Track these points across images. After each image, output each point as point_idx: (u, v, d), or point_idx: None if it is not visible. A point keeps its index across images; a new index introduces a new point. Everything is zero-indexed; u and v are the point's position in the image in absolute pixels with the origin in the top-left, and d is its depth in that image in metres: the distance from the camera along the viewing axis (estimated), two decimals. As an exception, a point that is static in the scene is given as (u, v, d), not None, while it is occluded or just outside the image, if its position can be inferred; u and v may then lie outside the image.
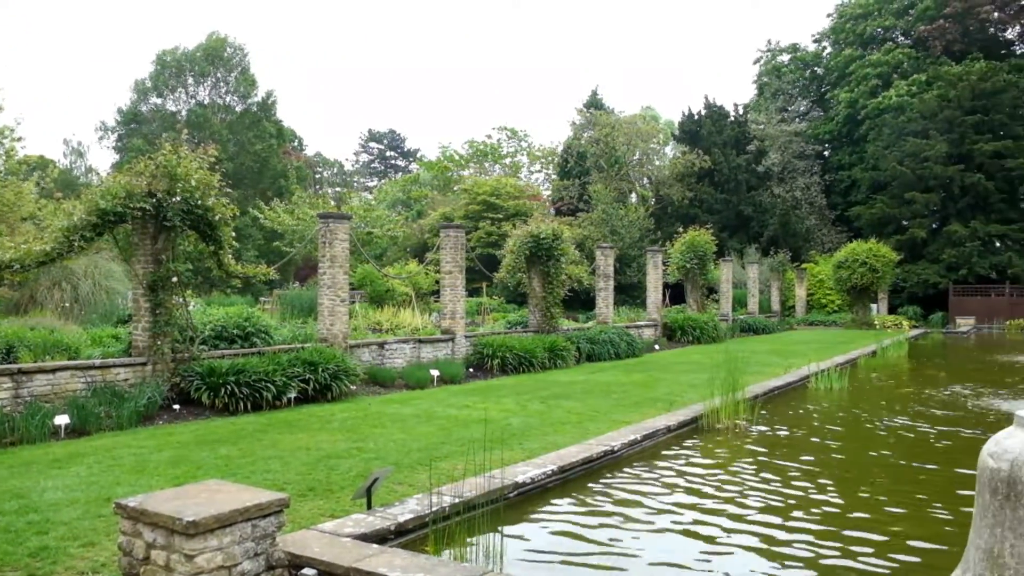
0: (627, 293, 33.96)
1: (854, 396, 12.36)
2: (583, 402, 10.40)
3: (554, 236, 16.79)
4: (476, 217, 36.81)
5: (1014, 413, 3.30)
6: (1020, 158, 35.63)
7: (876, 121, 41.12)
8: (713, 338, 22.34)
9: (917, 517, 5.82)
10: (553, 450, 7.28)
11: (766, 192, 42.25)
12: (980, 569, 3.18)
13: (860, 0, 46.59)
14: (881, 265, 31.26)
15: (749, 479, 6.95)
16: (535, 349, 14.64)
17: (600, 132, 42.22)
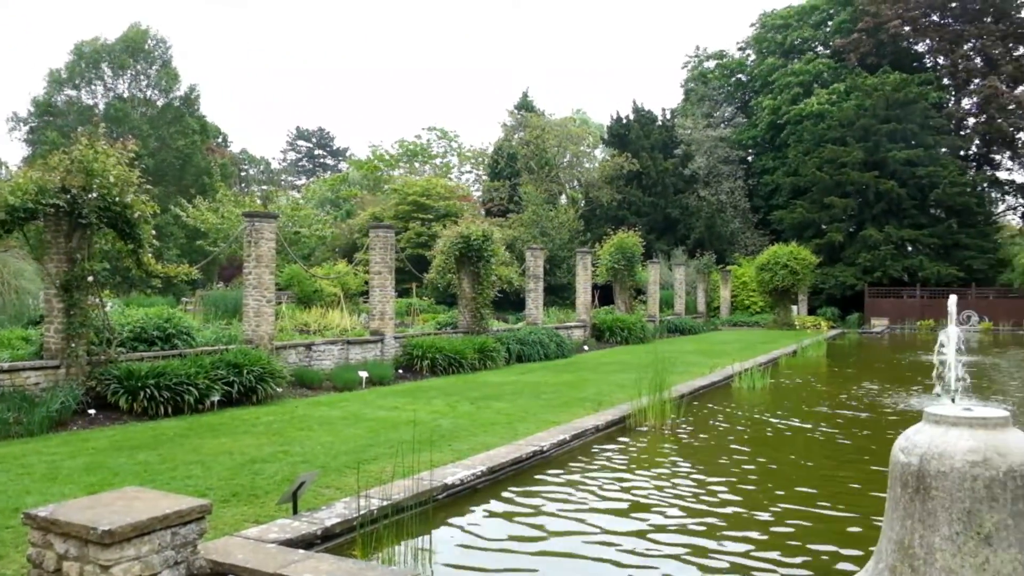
0: (557, 294, 34.20)
1: (776, 395, 12.70)
2: (513, 403, 10.42)
3: (484, 237, 16.79)
4: (406, 217, 36.53)
5: (923, 410, 3.44)
6: (930, 166, 37.30)
7: (797, 128, 42.44)
8: (641, 339, 22.68)
9: (833, 512, 6.01)
10: (483, 451, 7.27)
11: (692, 195, 43.12)
12: (892, 560, 3.30)
13: (782, 11, 48.03)
14: (801, 268, 32.22)
15: (674, 478, 7.07)
16: (465, 350, 14.61)
17: (531, 134, 42.42)
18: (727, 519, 5.81)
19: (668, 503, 6.20)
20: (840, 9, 45.41)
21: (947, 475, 3.13)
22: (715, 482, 6.87)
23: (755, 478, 7.09)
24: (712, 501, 6.28)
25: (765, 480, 7.06)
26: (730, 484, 6.82)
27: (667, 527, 5.62)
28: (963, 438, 3.17)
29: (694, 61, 53.28)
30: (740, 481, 6.97)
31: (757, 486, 6.80)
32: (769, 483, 6.93)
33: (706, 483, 6.84)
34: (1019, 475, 3.08)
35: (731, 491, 6.56)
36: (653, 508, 6.07)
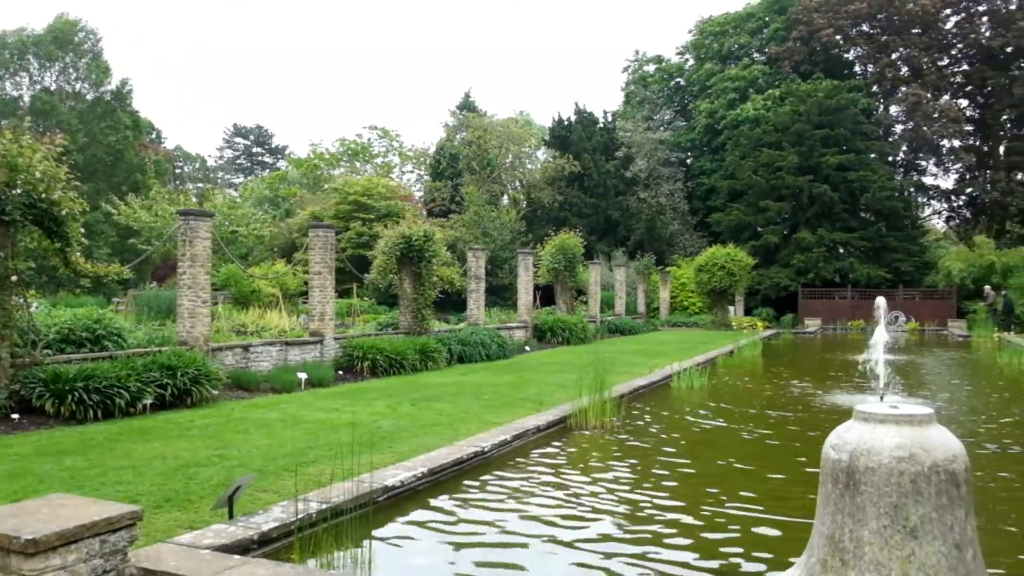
0: (498, 295, 34.24)
1: (713, 394, 12.93)
2: (454, 404, 10.39)
3: (426, 237, 16.71)
4: (347, 217, 36.14)
5: (853, 407, 3.54)
6: (860, 171, 38.51)
7: (734, 132, 43.32)
8: (582, 339, 22.85)
9: (769, 510, 6.14)
10: (424, 452, 7.23)
11: (633, 197, 43.64)
12: (823, 554, 3.38)
13: (719, 18, 49.00)
14: (738, 269, 32.86)
15: (614, 477, 7.14)
16: (406, 351, 14.51)
17: (473, 134, 42.40)
18: (666, 522, 5.88)
19: (607, 504, 6.26)
20: (775, 17, 46.54)
21: (875, 471, 3.22)
22: (653, 482, 6.96)
23: (693, 479, 7.20)
24: (650, 502, 6.35)
25: (703, 480, 7.18)
26: (668, 485, 6.92)
27: (609, 534, 5.66)
28: (890, 435, 3.27)
29: (634, 65, 53.98)
30: (678, 481, 7.07)
31: (695, 487, 6.92)
32: (707, 484, 7.05)
33: (645, 483, 6.93)
34: (942, 470, 3.19)
35: (668, 492, 6.65)
36: (593, 509, 6.11)
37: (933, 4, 41.95)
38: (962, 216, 46.91)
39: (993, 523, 5.64)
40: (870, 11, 42.87)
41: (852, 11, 42.96)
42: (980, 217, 44.09)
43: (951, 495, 3.18)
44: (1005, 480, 7.13)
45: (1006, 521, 5.82)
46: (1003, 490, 6.78)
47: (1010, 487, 6.93)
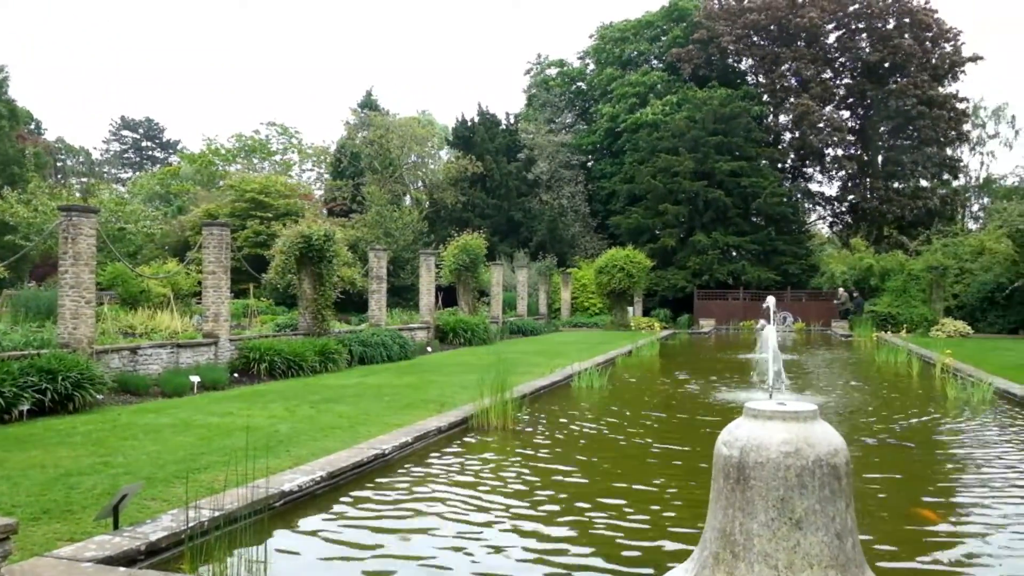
0: (400, 295, 33.97)
1: (613, 394, 13.19)
2: (355, 405, 10.24)
3: (326, 237, 16.41)
4: (243, 215, 35.13)
5: (744, 405, 3.68)
6: (752, 177, 40.12)
7: (633, 136, 44.34)
8: (484, 340, 22.91)
9: (665, 508, 6.31)
10: (323, 455, 7.10)
11: (535, 199, 44.07)
12: (715, 547, 3.50)
13: (619, 24, 50.05)
14: (637, 271, 33.61)
15: (515, 477, 7.18)
16: (305, 352, 14.21)
17: (375, 133, 41.91)
18: (566, 523, 5.96)
19: (507, 505, 6.29)
20: (674, 25, 47.88)
21: (764, 465, 3.36)
22: (554, 483, 7.04)
23: (593, 477, 7.32)
24: (550, 502, 6.42)
25: (603, 479, 7.31)
26: (568, 485, 7.00)
27: (513, 535, 5.69)
28: (778, 431, 3.42)
29: (536, 68, 54.53)
30: (578, 480, 7.17)
31: (595, 485, 7.02)
32: (607, 482, 7.18)
33: (545, 483, 6.99)
34: (825, 464, 3.35)
35: (569, 492, 6.73)
36: (492, 510, 6.13)
37: (819, 18, 44.10)
38: (844, 221, 49.45)
39: (867, 513, 5.96)
40: (764, 22, 44.72)
41: (749, 21, 44.72)
42: (860, 223, 46.56)
43: (833, 487, 3.35)
44: (881, 472, 7.55)
45: (880, 509, 6.16)
46: (878, 482, 7.17)
47: (888, 479, 7.33)
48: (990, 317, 32.04)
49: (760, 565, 3.31)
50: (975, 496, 6.62)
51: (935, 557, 5.11)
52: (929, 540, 5.47)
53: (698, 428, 9.84)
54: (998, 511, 6.08)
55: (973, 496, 6.63)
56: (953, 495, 6.76)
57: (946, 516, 6.03)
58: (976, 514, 6.05)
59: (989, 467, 7.66)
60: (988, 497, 6.53)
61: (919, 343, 23.24)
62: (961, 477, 7.39)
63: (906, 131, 45.04)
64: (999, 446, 8.69)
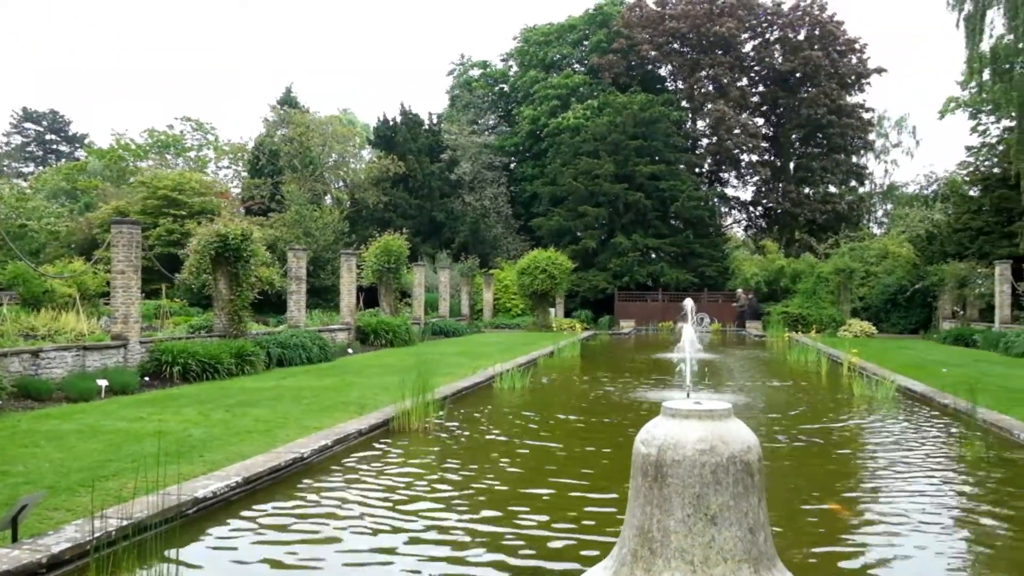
0: (321, 296, 33.41)
1: (534, 394, 13.27)
2: (272, 409, 10.02)
3: (243, 236, 16.01)
4: (156, 213, 33.98)
5: (662, 404, 3.74)
6: (671, 180, 41.02)
7: (555, 139, 44.76)
8: (406, 341, 22.74)
9: (583, 509, 6.38)
10: (239, 460, 6.92)
11: (458, 200, 44.01)
12: (634, 545, 3.55)
13: (542, 28, 50.45)
14: (559, 272, 33.89)
15: (436, 478, 7.15)
16: (221, 355, 13.82)
17: (295, 131, 41.12)
18: (483, 526, 5.96)
19: (427, 509, 6.25)
20: (596, 30, 48.54)
21: (680, 463, 3.43)
22: (473, 485, 7.04)
23: (513, 479, 7.34)
24: (468, 506, 6.42)
25: (522, 481, 7.34)
26: (487, 487, 7.01)
27: (424, 537, 5.66)
28: (694, 429, 3.49)
29: (459, 69, 54.50)
30: (498, 482, 7.19)
31: (514, 488, 7.04)
32: (526, 485, 7.21)
33: (464, 485, 6.99)
34: (739, 460, 3.44)
35: (487, 495, 6.74)
36: (412, 514, 6.08)
37: (736, 28, 45.44)
38: (758, 225, 51.05)
39: (778, 507, 6.16)
40: (683, 30, 45.78)
41: (668, 28, 45.71)
42: (773, 226, 48.14)
43: (746, 484, 3.44)
44: (792, 467, 7.81)
45: (791, 503, 6.37)
46: (790, 477, 7.42)
47: (799, 474, 7.59)
48: (893, 318, 33.56)
49: (677, 561, 3.38)
50: (880, 488, 6.91)
51: (844, 548, 5.31)
52: (837, 532, 5.68)
53: (617, 428, 9.98)
54: (900, 503, 6.36)
55: (878, 488, 6.92)
56: (860, 488, 7.04)
57: (853, 509, 6.27)
58: (881, 505, 6.31)
59: (892, 461, 8.01)
60: (892, 488, 6.83)
61: (828, 343, 24.14)
62: (867, 471, 7.71)
63: (816, 139, 46.84)
64: (902, 440, 9.10)
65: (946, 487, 6.96)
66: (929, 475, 7.35)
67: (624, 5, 49.45)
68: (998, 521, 5.91)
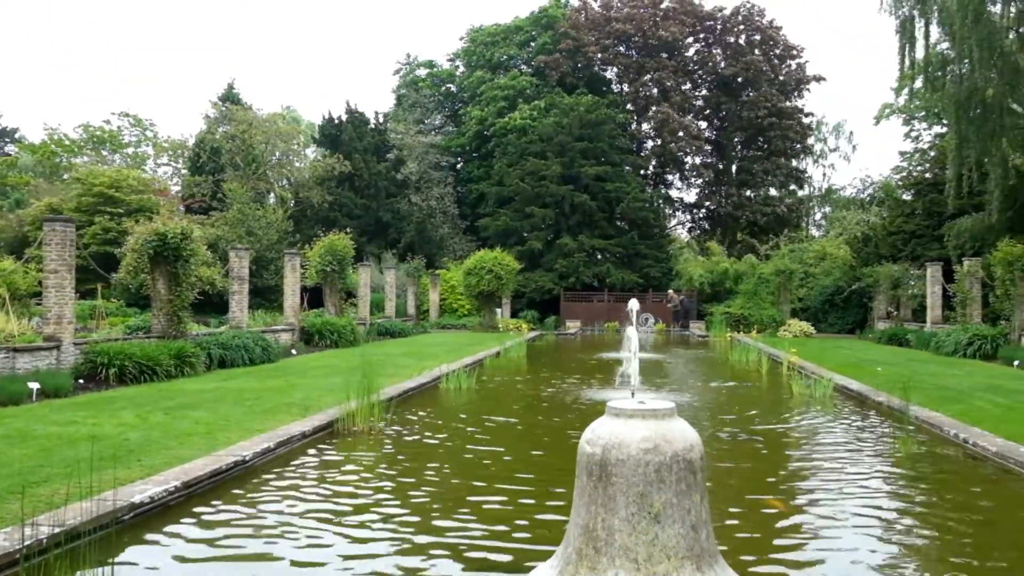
0: (264, 296, 32.88)
1: (481, 395, 13.26)
2: (213, 411, 9.82)
3: (183, 235, 15.66)
4: (91, 211, 33.05)
5: (606, 404, 3.77)
6: (617, 182, 41.43)
7: (502, 140, 44.83)
8: (351, 342, 22.52)
9: (534, 526, 6.39)
10: (177, 464, 6.76)
11: (404, 200, 43.77)
12: (578, 543, 3.57)
13: (489, 28, 50.48)
14: (505, 273, 33.92)
15: (381, 481, 7.10)
16: (160, 356, 13.50)
17: (237, 128, 40.42)
18: (424, 541, 5.94)
19: (370, 513, 6.20)
20: (542, 32, 48.74)
21: (625, 462, 3.46)
22: (416, 487, 7.00)
23: (459, 483, 7.31)
24: (412, 509, 6.38)
25: (468, 484, 7.32)
26: (432, 491, 6.98)
27: (367, 545, 5.62)
28: (638, 428, 3.53)
29: (406, 68, 54.20)
30: (443, 486, 7.16)
31: (461, 491, 7.02)
32: (472, 487, 7.19)
33: (409, 488, 6.94)
34: (682, 459, 3.48)
35: (432, 498, 6.70)
36: (354, 519, 6.03)
37: (680, 32, 46.13)
38: (702, 227, 51.88)
39: (720, 503, 6.27)
40: (629, 32, 46.28)
41: (614, 31, 46.17)
42: (716, 228, 48.99)
43: (689, 482, 3.49)
44: (734, 464, 7.95)
45: (732, 499, 6.48)
46: (731, 474, 7.55)
47: (739, 471, 7.73)
48: (830, 318, 34.45)
49: (621, 559, 3.41)
50: (816, 483, 7.08)
51: (782, 542, 5.42)
52: (776, 525, 5.80)
53: (563, 428, 10.03)
54: (835, 497, 6.52)
55: (814, 483, 7.09)
56: (797, 483, 7.20)
57: (790, 503, 6.41)
58: (816, 498, 6.46)
59: (828, 457, 8.21)
60: (827, 483, 7.01)
61: (768, 343, 24.65)
62: (804, 467, 7.89)
63: (757, 142, 47.85)
64: (838, 437, 9.34)
65: (879, 482, 7.16)
66: (863, 470, 7.56)
67: (569, 7, 49.80)
68: (926, 511, 6.11)
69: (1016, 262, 19.52)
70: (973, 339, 19.87)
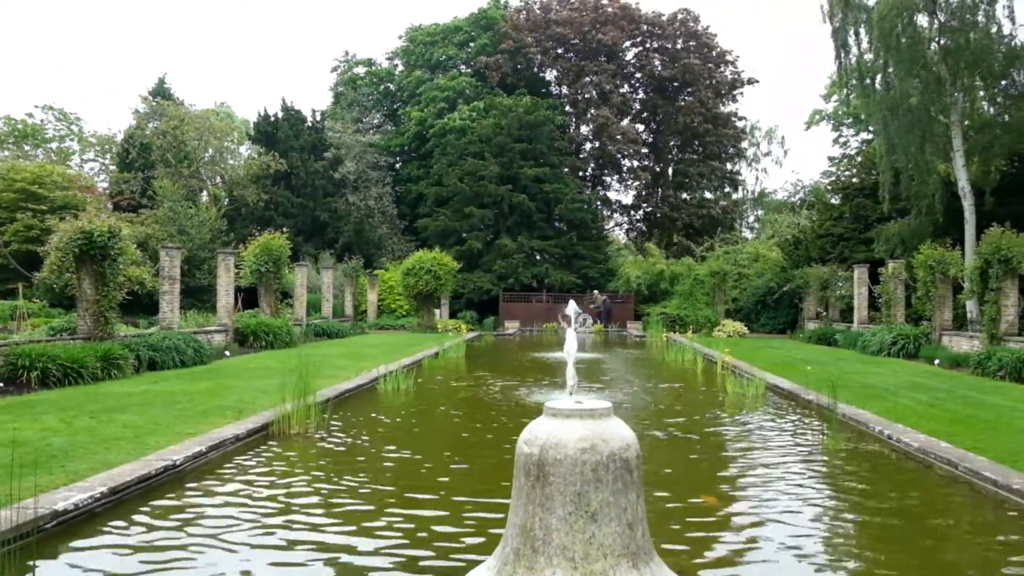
0: (196, 297, 32.12)
1: (419, 396, 13.19)
2: (142, 415, 9.53)
3: (110, 234, 15.18)
4: (12, 207, 31.85)
5: (544, 404, 3.79)
6: (555, 183, 41.72)
7: (442, 140, 44.71)
8: (287, 343, 22.16)
9: (473, 513, 6.39)
10: (104, 470, 6.54)
11: (342, 199, 43.27)
12: (516, 543, 3.58)
13: (428, 28, 50.29)
14: (444, 273, 33.84)
15: (317, 485, 6.99)
16: (86, 358, 13.05)
17: (168, 124, 39.38)
18: (363, 532, 5.88)
19: (305, 519, 6.11)
20: (482, 32, 48.79)
21: (562, 462, 3.48)
22: (353, 492, 6.93)
23: (397, 486, 7.26)
24: (348, 514, 6.31)
25: (406, 487, 7.27)
26: (369, 493, 6.91)
27: (302, 542, 5.54)
28: (575, 428, 3.55)
29: (343, 66, 53.62)
30: (381, 488, 7.10)
31: (398, 495, 6.97)
32: (410, 490, 7.15)
33: (343, 492, 6.87)
34: (618, 458, 3.52)
35: (368, 500, 6.64)
36: (288, 524, 5.93)
37: (619, 36, 46.69)
38: (639, 229, 52.62)
39: (655, 501, 6.36)
40: (568, 36, 46.64)
41: (554, 34, 46.46)
42: (653, 230, 49.74)
43: (625, 480, 3.52)
44: (669, 463, 8.08)
45: (668, 497, 6.59)
46: (667, 472, 7.67)
47: (675, 469, 7.85)
48: (763, 318, 35.29)
49: (558, 558, 3.42)
50: (749, 480, 7.24)
51: (717, 537, 5.53)
52: (708, 521, 5.91)
53: (501, 428, 10.04)
54: (767, 493, 6.68)
55: (747, 480, 7.25)
56: (731, 479, 7.35)
57: (725, 500, 6.54)
58: (749, 495, 6.61)
59: (760, 453, 8.40)
60: (759, 479, 7.17)
61: (703, 342, 25.12)
62: (737, 464, 8.05)
63: (693, 146, 48.77)
64: (769, 434, 9.56)
65: (807, 477, 7.36)
66: (793, 466, 7.76)
67: (510, 9, 49.94)
68: (852, 504, 6.30)
69: (937, 265, 20.30)
70: (897, 339, 20.60)
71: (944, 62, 23.79)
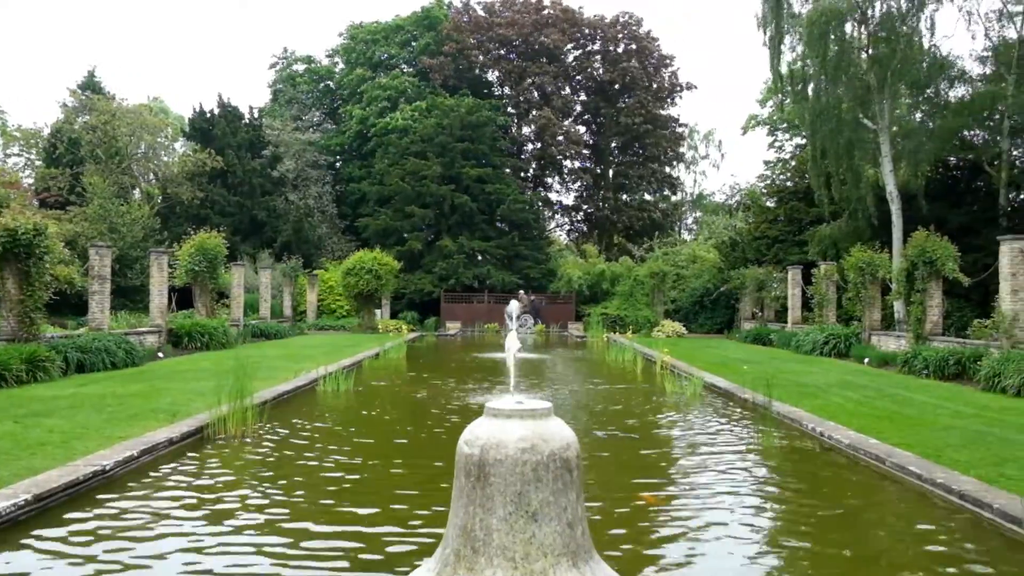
0: (128, 297, 31.23)
1: (359, 397, 13.05)
2: (70, 419, 9.22)
3: (36, 231, 14.64)
4: (-69, 203, 30.41)
5: (484, 404, 3.79)
6: (497, 184, 41.77)
7: (383, 139, 44.37)
8: (223, 344, 21.71)
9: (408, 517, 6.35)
10: (29, 476, 6.31)
11: (280, 198, 42.59)
12: (456, 544, 3.57)
13: (369, 26, 49.83)
14: (385, 273, 33.55)
15: (252, 489, 6.87)
16: (9, 361, 12.57)
17: (98, 118, 38.15)
18: (301, 534, 5.80)
19: (241, 525, 5.99)
20: (425, 32, 48.55)
21: (503, 462, 3.48)
22: (289, 493, 6.83)
23: (335, 491, 7.16)
24: (285, 520, 6.22)
25: (345, 492, 7.19)
26: (306, 499, 6.82)
27: (236, 546, 5.44)
28: (516, 428, 3.55)
29: (282, 62, 52.79)
30: (319, 494, 7.01)
31: (337, 500, 6.88)
32: (349, 495, 7.07)
33: (280, 495, 6.76)
34: (558, 457, 3.54)
35: (307, 505, 6.55)
36: (223, 532, 5.81)
37: (560, 39, 46.99)
38: (580, 230, 53.04)
39: (596, 499, 6.42)
40: (511, 37, 46.75)
41: (497, 35, 46.53)
42: (594, 231, 50.19)
43: (565, 480, 3.54)
44: (609, 461, 8.16)
45: (607, 496, 6.65)
46: (607, 471, 7.74)
47: (615, 468, 7.93)
48: (701, 318, 35.91)
49: (499, 558, 3.42)
50: (688, 478, 7.36)
51: (658, 534, 5.60)
52: (648, 520, 5.99)
53: (442, 429, 10.01)
54: (705, 490, 6.81)
55: (686, 477, 7.37)
56: (671, 478, 7.46)
57: (665, 498, 6.64)
58: (687, 492, 6.72)
59: (698, 451, 8.55)
60: (698, 477, 7.30)
61: (643, 343, 25.43)
62: (675, 462, 8.18)
63: (633, 148, 49.37)
64: (707, 432, 9.74)
65: (744, 473, 7.51)
66: (730, 463, 7.91)
67: (452, 9, 49.81)
68: (785, 497, 6.46)
69: (866, 267, 20.93)
70: (829, 338, 21.18)
71: (872, 70, 24.55)
